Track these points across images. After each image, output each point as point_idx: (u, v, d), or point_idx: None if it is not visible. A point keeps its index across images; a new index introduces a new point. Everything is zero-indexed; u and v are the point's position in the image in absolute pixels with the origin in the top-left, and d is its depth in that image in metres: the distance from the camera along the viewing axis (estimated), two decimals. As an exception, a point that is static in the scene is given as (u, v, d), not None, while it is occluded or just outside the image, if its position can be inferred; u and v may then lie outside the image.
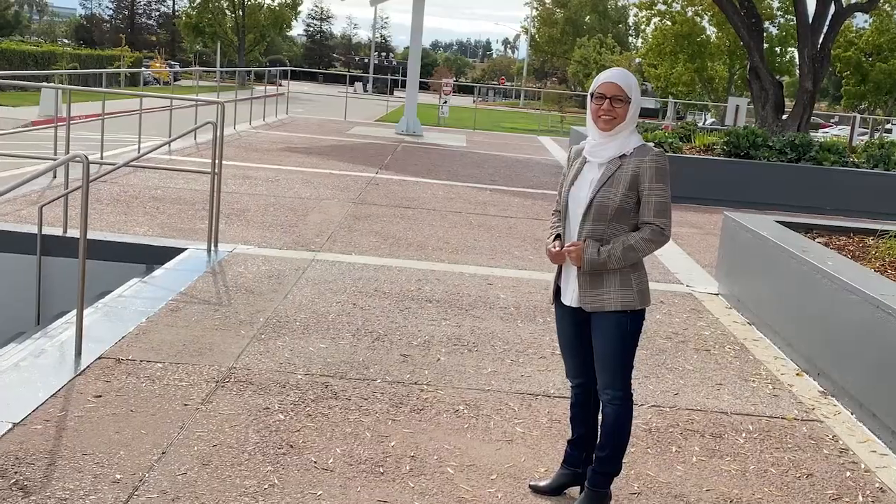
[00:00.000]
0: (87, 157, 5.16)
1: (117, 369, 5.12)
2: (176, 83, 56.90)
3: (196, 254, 8.03)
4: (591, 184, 3.74)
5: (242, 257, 8.02)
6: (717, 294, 8.30)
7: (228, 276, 7.36)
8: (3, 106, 28.98)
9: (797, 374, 6.21)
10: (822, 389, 5.92)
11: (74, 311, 6.84)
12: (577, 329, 3.88)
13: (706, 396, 5.56)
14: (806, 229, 8.17)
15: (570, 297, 3.83)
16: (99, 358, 5.28)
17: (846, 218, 13.29)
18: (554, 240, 3.88)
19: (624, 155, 3.72)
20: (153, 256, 8.10)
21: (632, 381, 3.86)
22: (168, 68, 62.33)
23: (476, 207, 12.09)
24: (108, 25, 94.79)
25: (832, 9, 17.92)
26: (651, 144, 3.71)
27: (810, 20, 17.70)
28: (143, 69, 57.49)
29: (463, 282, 7.91)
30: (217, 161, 8.22)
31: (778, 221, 8.11)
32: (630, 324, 3.76)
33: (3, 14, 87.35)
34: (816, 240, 7.80)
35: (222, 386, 4.99)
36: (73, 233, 8.42)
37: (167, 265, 7.59)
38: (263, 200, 11.01)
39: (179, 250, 8.13)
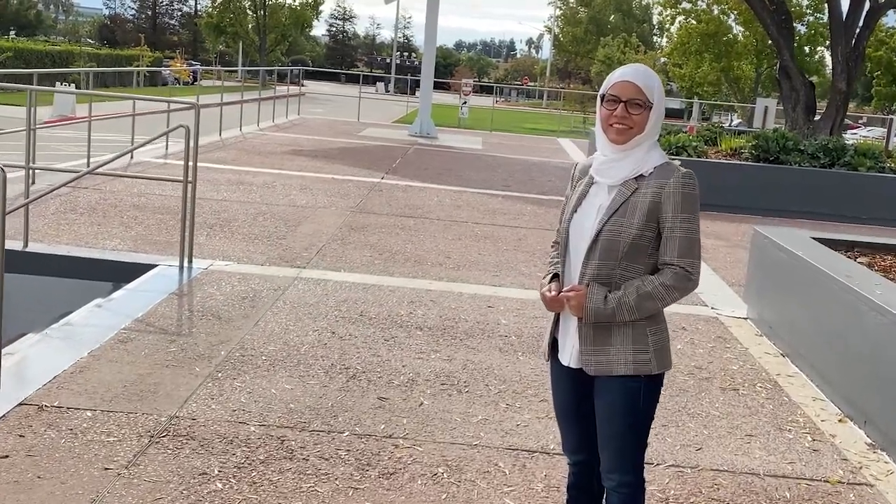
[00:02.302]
0: (3, 170, 4.40)
1: (37, 419, 4.34)
2: (196, 83, 56.48)
3: (166, 271, 7.27)
4: (599, 211, 2.93)
5: (217, 275, 7.24)
6: (745, 318, 7.44)
7: (196, 299, 6.58)
8: (16, 106, 28.41)
9: (840, 421, 5.35)
10: (869, 441, 5.06)
11: (30, 335, 6.14)
12: (576, 395, 3.07)
13: (734, 452, 4.71)
14: (846, 247, 7.30)
15: (569, 356, 3.02)
16: (20, 404, 4.50)
17: (886, 229, 12.37)
18: (551, 280, 3.07)
19: (641, 176, 2.91)
20: (120, 274, 7.33)
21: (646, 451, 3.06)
22: (188, 67, 61.86)
23: (484, 216, 11.26)
24: (131, 25, 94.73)
25: (867, 5, 16.94)
26: (678, 163, 2.87)
27: (844, 17, 16.73)
28: (162, 68, 57.19)
29: (461, 304, 7.09)
30: (192, 164, 7.46)
31: (814, 238, 7.23)
32: (644, 393, 2.94)
33: (24, 14, 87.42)
34: (858, 259, 6.93)
35: (157, 442, 4.20)
36: (35, 247, 7.70)
37: (129, 285, 6.82)
38: (254, 209, 10.24)
39: (149, 267, 7.37)
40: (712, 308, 7.68)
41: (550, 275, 3.09)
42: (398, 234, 9.57)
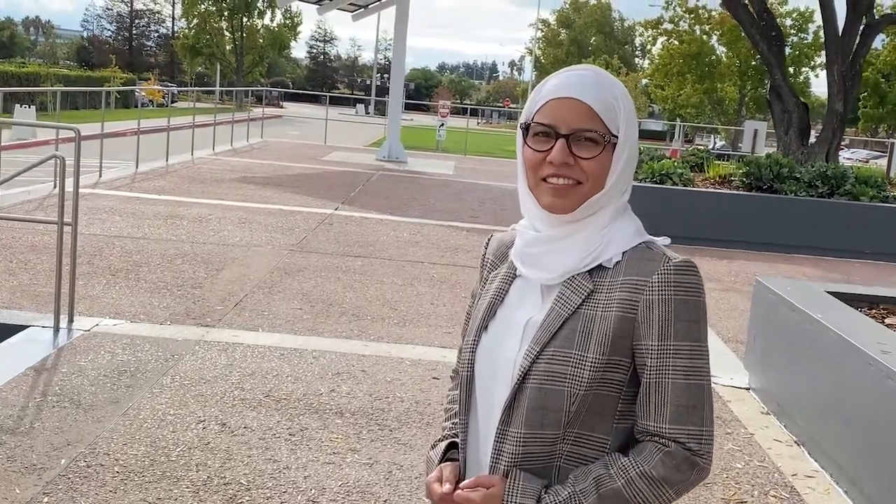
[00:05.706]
0: None
1: None
2: (173, 105, 55.16)
3: (37, 335, 5.89)
4: (526, 332, 1.60)
5: (99, 340, 5.86)
6: (747, 389, 6.13)
7: (58, 376, 5.20)
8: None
9: (883, 550, 4.03)
10: (928, 586, 3.74)
11: None
12: None
13: None
14: (868, 303, 6.01)
15: None
16: None
17: (892, 265, 11.19)
18: (444, 455, 1.73)
19: (601, 267, 1.58)
20: (-20, 337, 5.95)
21: None
22: (160, 89, 60.49)
23: (444, 255, 9.92)
24: (108, 47, 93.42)
25: (863, 21, 15.78)
26: (662, 241, 1.47)
27: (840, 34, 15.55)
28: (136, 88, 55.74)
29: (399, 375, 5.75)
30: (71, 198, 6.11)
31: (830, 292, 5.93)
32: None
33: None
34: (887, 321, 5.63)
35: None
36: None
37: (-22, 357, 5.44)
38: (175, 249, 8.86)
39: (18, 329, 5.99)
40: (706, 375, 6.35)
41: (445, 443, 1.75)
42: (339, 279, 8.22)
